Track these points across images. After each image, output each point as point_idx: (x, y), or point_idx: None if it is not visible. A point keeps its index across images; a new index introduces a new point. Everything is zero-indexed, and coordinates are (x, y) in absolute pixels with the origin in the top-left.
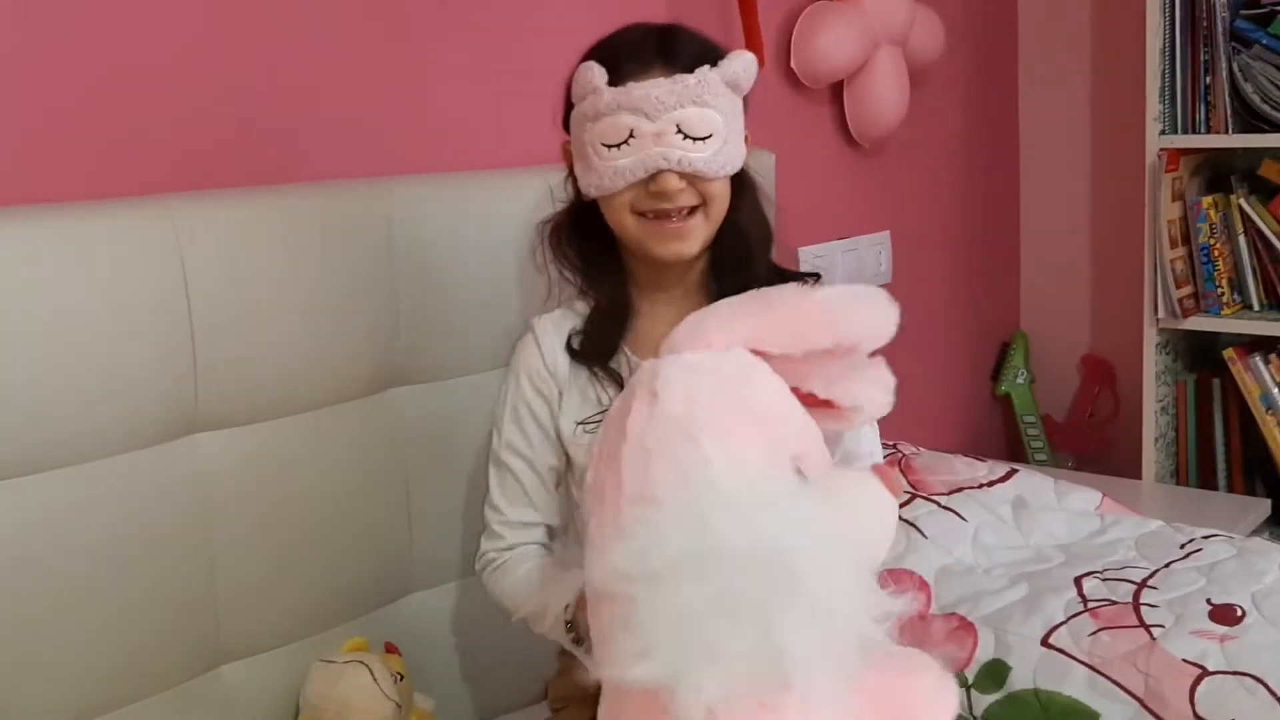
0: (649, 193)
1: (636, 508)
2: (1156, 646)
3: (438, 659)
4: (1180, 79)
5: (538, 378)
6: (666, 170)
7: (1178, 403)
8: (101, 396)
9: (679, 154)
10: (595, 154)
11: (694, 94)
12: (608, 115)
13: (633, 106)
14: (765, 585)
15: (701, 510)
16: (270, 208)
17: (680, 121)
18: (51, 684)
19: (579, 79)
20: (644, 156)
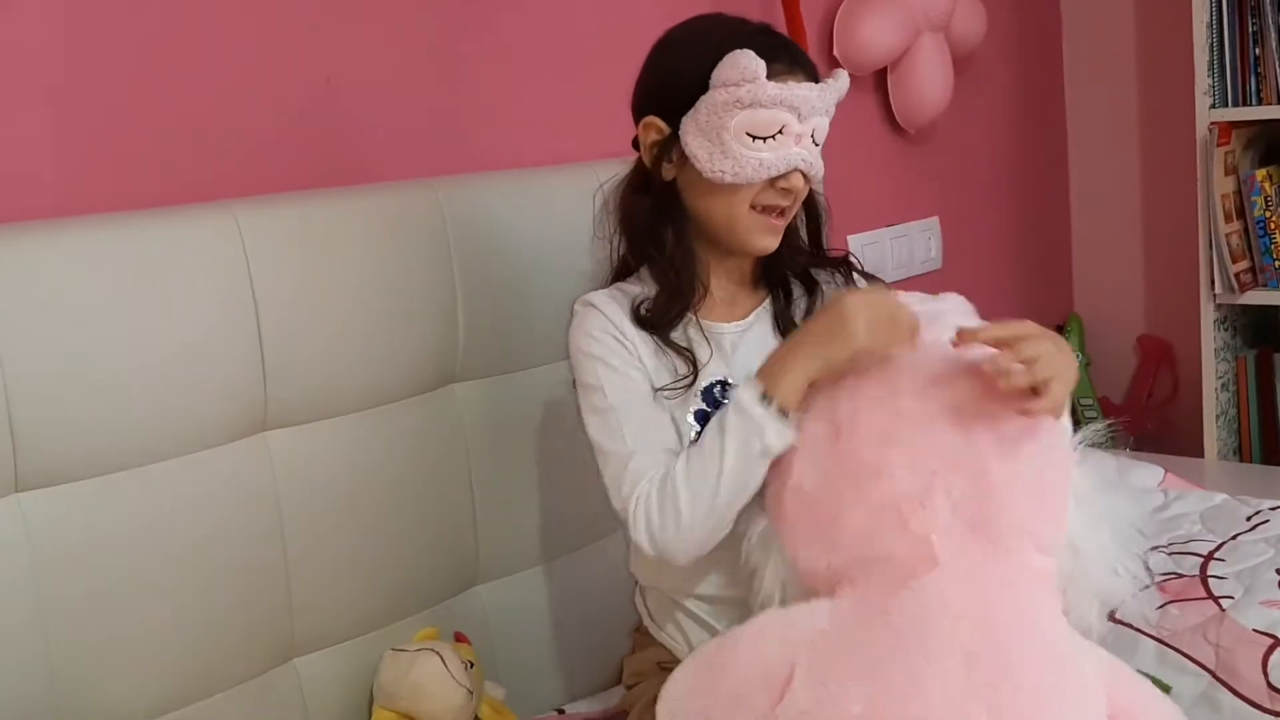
0: (775, 189)
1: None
2: (1226, 618)
3: (506, 648)
4: (1229, 51)
5: (612, 332)
6: (800, 171)
7: (1238, 379)
8: (175, 398)
9: (810, 157)
10: (738, 141)
11: (829, 104)
12: (766, 108)
13: (791, 104)
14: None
15: None
16: (330, 209)
17: (817, 128)
18: (131, 679)
19: (734, 63)
20: (787, 154)
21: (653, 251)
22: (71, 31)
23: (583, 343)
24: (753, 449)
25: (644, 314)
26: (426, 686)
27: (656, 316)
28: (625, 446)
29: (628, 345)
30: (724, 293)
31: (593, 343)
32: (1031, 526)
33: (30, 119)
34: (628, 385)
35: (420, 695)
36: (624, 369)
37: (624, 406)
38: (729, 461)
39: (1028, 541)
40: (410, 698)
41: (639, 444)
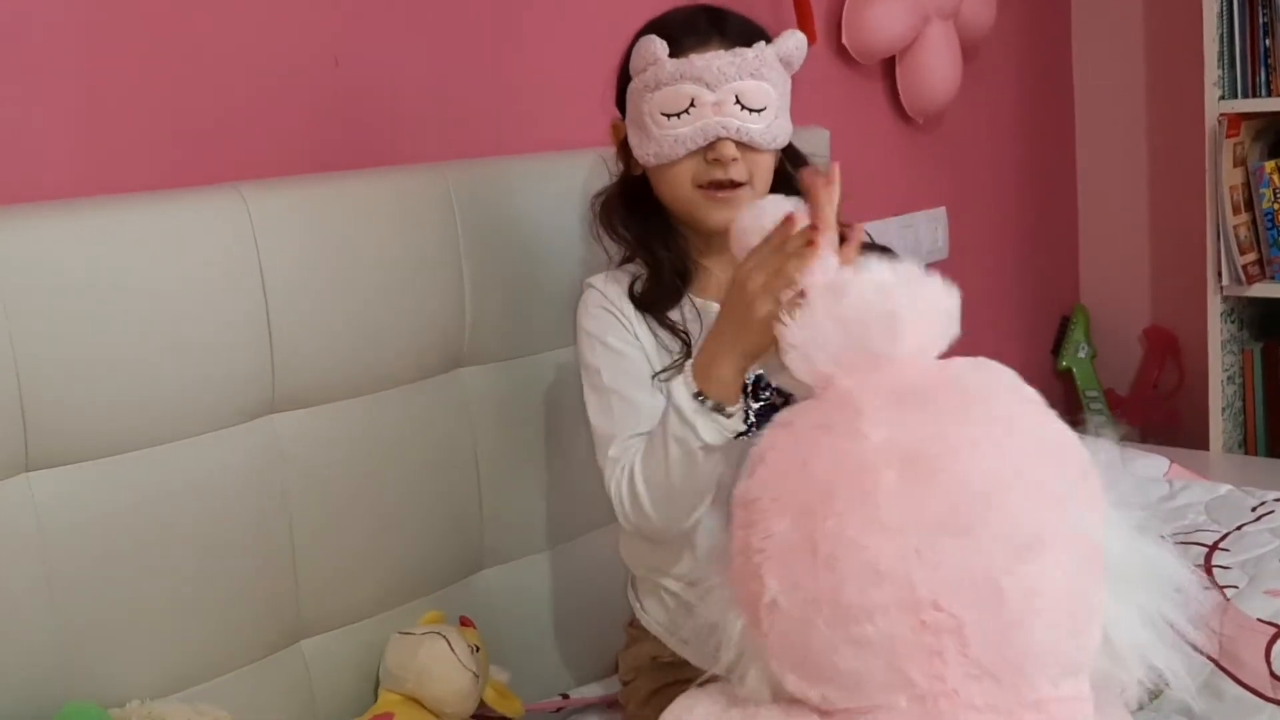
0: (706, 161)
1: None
2: (1230, 606)
3: (511, 633)
4: (1239, 42)
5: (611, 309)
6: (725, 138)
7: (1244, 372)
8: (182, 379)
9: (737, 124)
10: (654, 123)
11: (752, 67)
12: (669, 85)
13: (694, 76)
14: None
15: None
16: (338, 192)
17: (739, 92)
18: (138, 659)
19: (639, 51)
20: (704, 125)
21: (632, 244)
22: (81, 14)
23: (584, 321)
24: (692, 446)
25: (638, 293)
26: (433, 670)
27: (648, 295)
28: (611, 429)
29: (625, 323)
30: (723, 271)
31: (593, 320)
32: (1060, 650)
33: (41, 101)
34: (623, 365)
35: (427, 678)
36: (621, 348)
37: (618, 389)
38: (673, 458)
39: (1054, 669)
40: (417, 681)
41: (622, 428)
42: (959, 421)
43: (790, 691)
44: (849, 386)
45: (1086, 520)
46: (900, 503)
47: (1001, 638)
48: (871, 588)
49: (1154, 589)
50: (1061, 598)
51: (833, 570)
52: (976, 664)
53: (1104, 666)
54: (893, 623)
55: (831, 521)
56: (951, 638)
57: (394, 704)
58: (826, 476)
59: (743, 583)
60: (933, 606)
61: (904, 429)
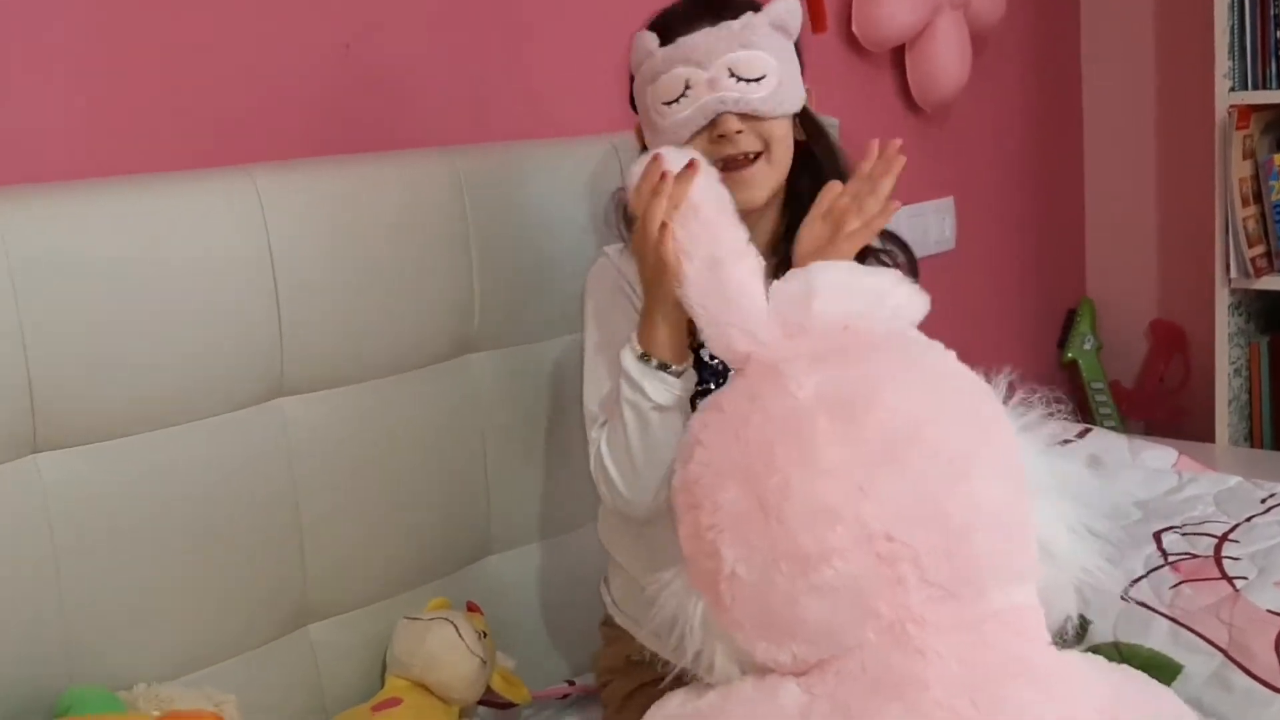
0: (712, 140)
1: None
2: (1240, 598)
3: (517, 619)
4: (1250, 33)
5: (622, 286)
6: (725, 113)
7: (1251, 365)
8: (191, 362)
9: (735, 95)
10: (658, 114)
11: (740, 37)
12: (663, 73)
13: (684, 58)
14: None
15: None
16: (349, 176)
17: (732, 65)
18: (144, 642)
19: (635, 48)
20: (702, 104)
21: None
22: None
23: (589, 295)
24: (644, 409)
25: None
26: (440, 656)
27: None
28: (596, 409)
29: (635, 303)
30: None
31: (603, 293)
32: (1007, 558)
33: (53, 83)
34: (609, 339)
35: (434, 664)
36: (621, 324)
37: (609, 365)
38: (630, 426)
39: (1005, 578)
40: (424, 666)
41: (599, 413)
42: (877, 368)
43: (760, 661)
44: (769, 358)
45: (1005, 441)
46: (837, 444)
47: (953, 555)
48: (825, 531)
49: (1069, 499)
50: (998, 510)
51: (784, 523)
52: (936, 585)
53: (1046, 574)
54: (851, 562)
55: (776, 478)
56: (909, 565)
57: (401, 689)
58: (763, 438)
59: (698, 564)
60: (885, 538)
61: (828, 381)
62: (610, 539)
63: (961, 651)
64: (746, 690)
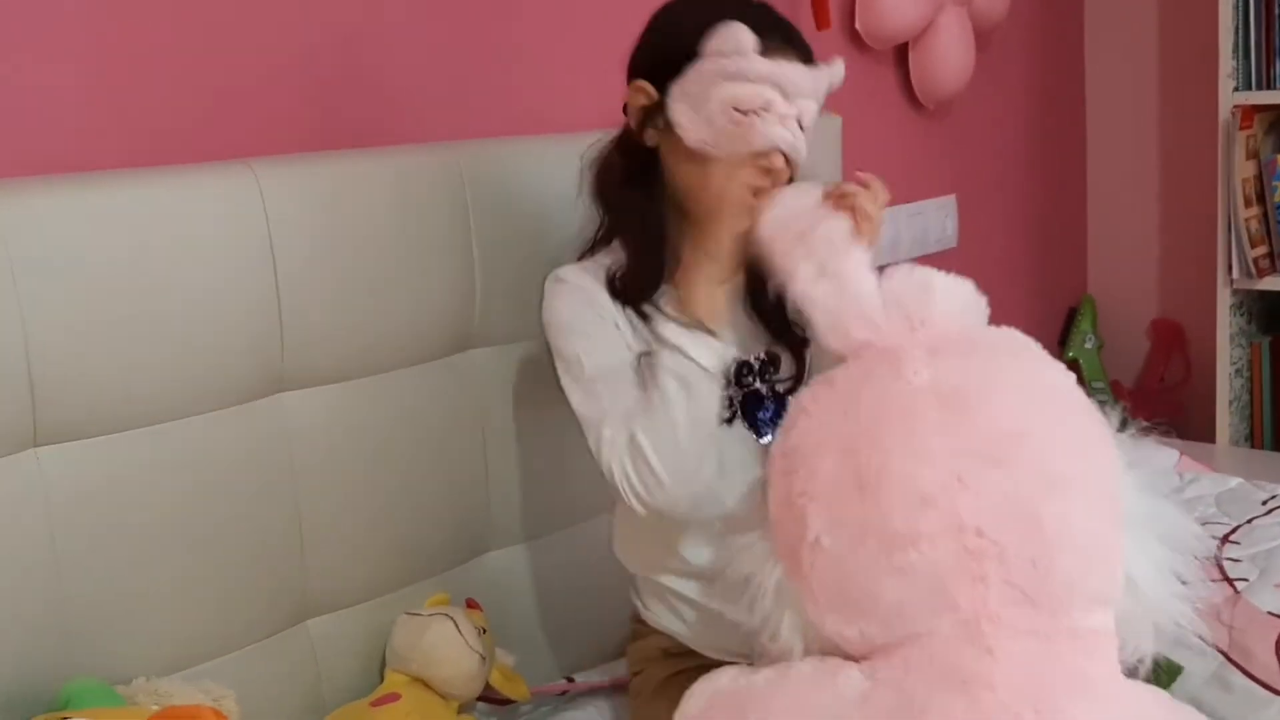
0: (756, 167)
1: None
2: (1240, 600)
3: (516, 615)
4: (1254, 33)
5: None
6: (782, 151)
7: (1252, 365)
8: (190, 356)
9: (793, 139)
10: (722, 112)
11: (819, 89)
12: (753, 82)
13: (779, 82)
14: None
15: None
16: (350, 170)
17: (803, 112)
18: (143, 636)
19: (727, 35)
20: (771, 132)
21: (622, 216)
22: None
23: (556, 315)
24: (688, 373)
25: (618, 285)
26: (440, 651)
27: (629, 287)
28: (600, 413)
29: (602, 311)
30: (690, 279)
31: (565, 309)
32: (1091, 579)
33: (53, 75)
34: (605, 350)
35: (433, 660)
36: (600, 334)
37: (602, 375)
38: (673, 397)
39: (1085, 598)
40: (423, 662)
41: (614, 408)
42: (996, 369)
43: (828, 633)
44: (888, 345)
45: (1106, 469)
46: (943, 435)
47: (1039, 564)
48: (917, 515)
49: (1161, 539)
50: (1089, 533)
51: (878, 501)
52: (1017, 588)
53: (1127, 607)
54: (938, 549)
55: (878, 456)
56: (994, 563)
57: (400, 685)
58: (872, 415)
59: (784, 529)
60: (976, 533)
61: (944, 374)
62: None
63: (1031, 659)
64: (805, 670)
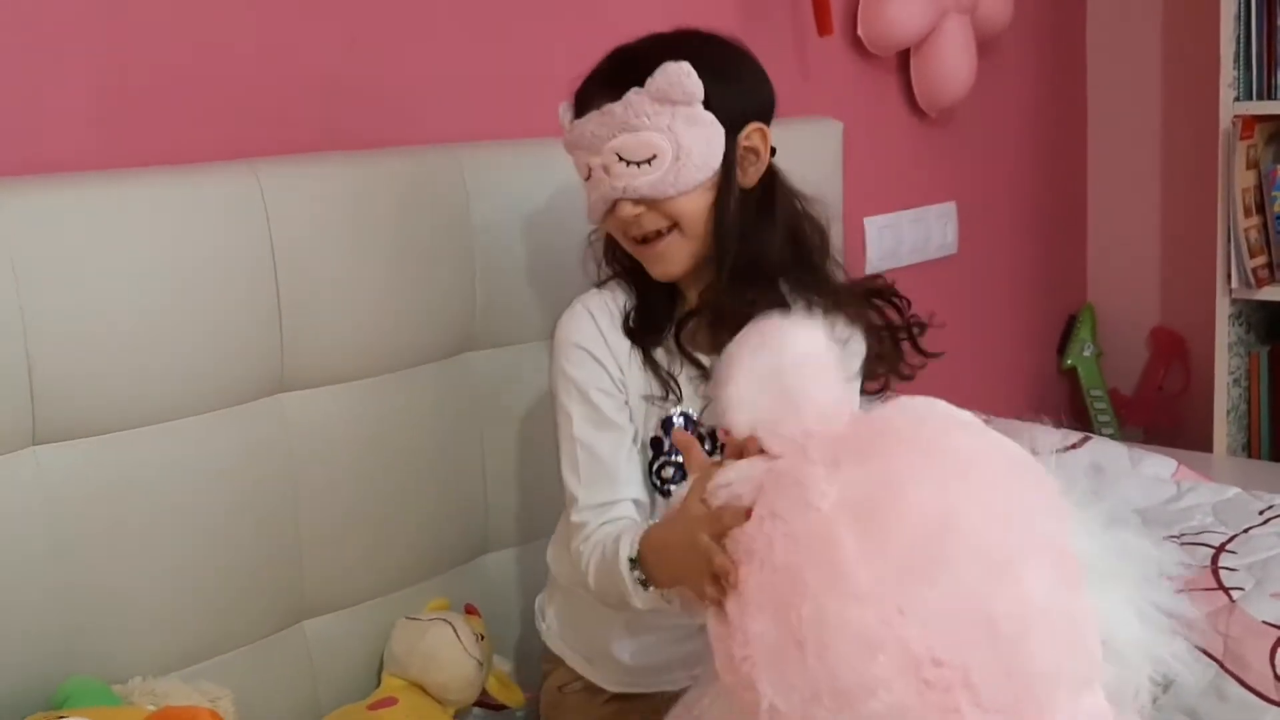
0: (618, 221)
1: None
2: (1236, 609)
3: (514, 616)
4: (1256, 44)
5: (597, 347)
6: (621, 199)
7: (1250, 375)
8: (190, 356)
9: (623, 182)
10: (583, 187)
11: (622, 121)
12: (572, 152)
13: (581, 144)
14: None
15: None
16: (353, 172)
17: (619, 150)
18: (141, 635)
19: (561, 115)
20: (603, 190)
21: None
22: None
23: (564, 351)
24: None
25: (630, 326)
26: (438, 656)
27: (638, 329)
28: (576, 488)
29: (612, 366)
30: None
31: (572, 358)
32: (1070, 664)
33: (57, 75)
34: (595, 418)
35: (431, 665)
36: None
37: (587, 442)
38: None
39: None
40: (421, 667)
41: (589, 490)
42: (901, 464)
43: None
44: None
45: (1053, 528)
46: (867, 563)
47: (1008, 670)
48: (866, 662)
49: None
50: (1051, 611)
51: (822, 658)
52: (994, 710)
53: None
54: (898, 692)
55: (807, 606)
56: (961, 690)
57: (397, 689)
58: (789, 562)
59: (737, 694)
60: (933, 663)
61: (850, 487)
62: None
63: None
64: None
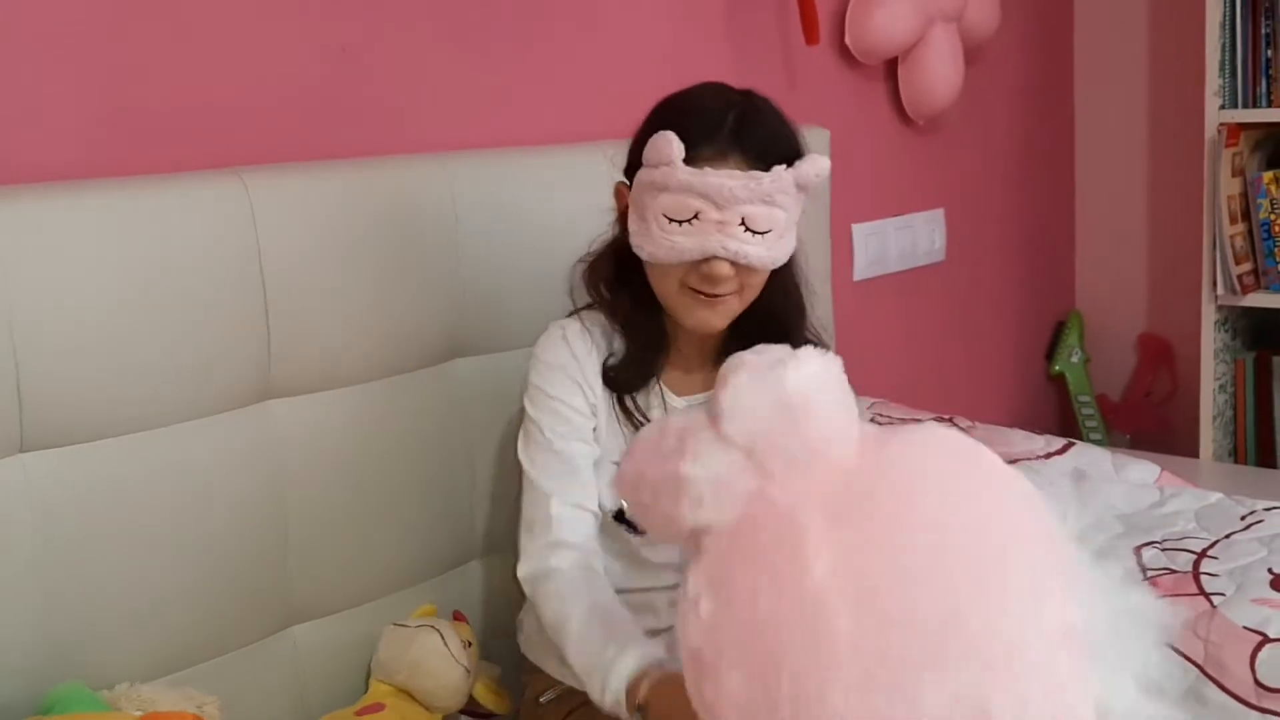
0: (699, 274)
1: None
2: (1217, 614)
3: (501, 623)
4: (1240, 52)
5: (573, 370)
6: (721, 258)
7: (1236, 381)
8: (179, 363)
9: (736, 245)
10: (656, 224)
11: (765, 193)
12: (678, 193)
13: (703, 193)
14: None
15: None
16: (340, 180)
17: (746, 216)
18: (128, 641)
19: (656, 147)
20: (704, 241)
21: (613, 306)
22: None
23: (540, 372)
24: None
25: (611, 374)
26: (426, 663)
27: (621, 373)
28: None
29: (584, 389)
30: (685, 361)
31: (548, 376)
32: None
33: (45, 83)
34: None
35: (419, 671)
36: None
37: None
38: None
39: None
40: (409, 673)
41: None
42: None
43: None
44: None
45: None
46: (858, 653)
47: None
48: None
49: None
50: (1051, 696)
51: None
52: None
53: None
54: None
55: (788, 684)
56: None
57: (385, 695)
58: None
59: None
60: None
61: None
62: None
63: None
64: None
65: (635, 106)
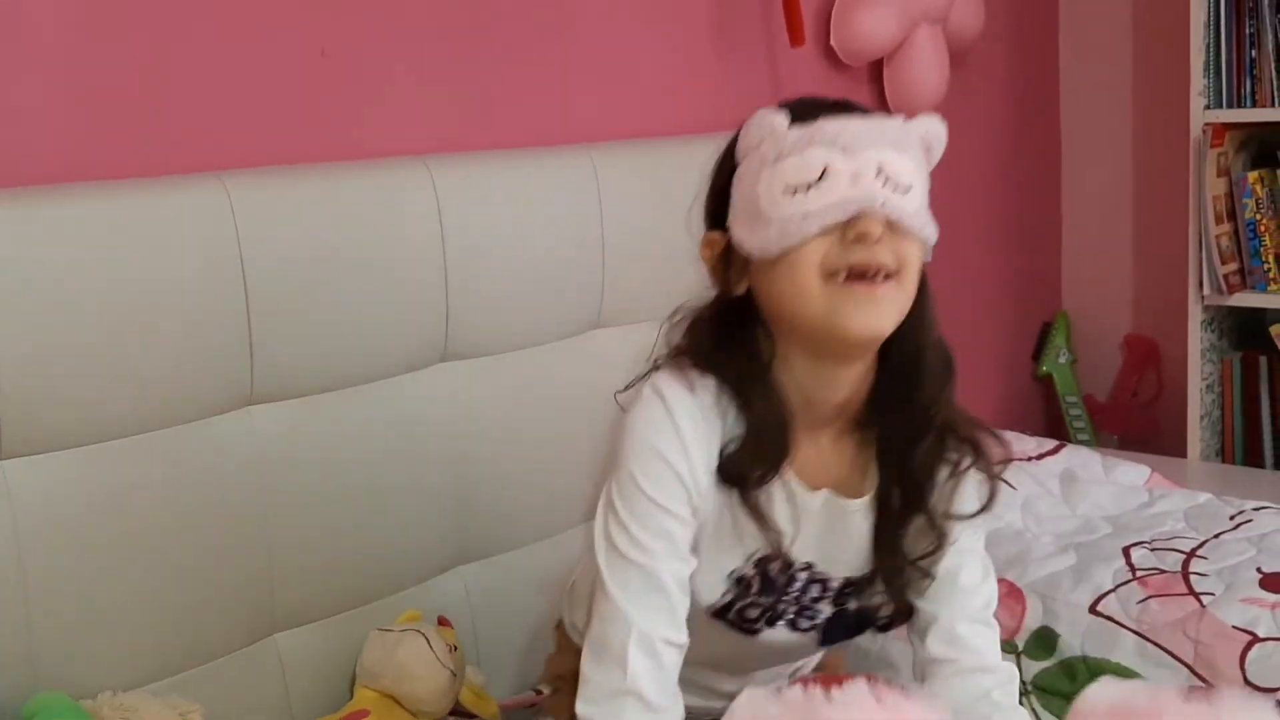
0: (845, 241)
1: None
2: (1206, 614)
3: (486, 629)
4: (1225, 52)
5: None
6: (873, 212)
7: (1223, 380)
8: (159, 369)
9: (882, 197)
10: (772, 204)
11: (895, 137)
12: (793, 154)
13: (826, 140)
14: None
15: None
16: (322, 184)
17: (882, 163)
18: (110, 650)
19: (753, 127)
20: (841, 198)
21: (726, 374)
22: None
23: (644, 463)
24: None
25: (728, 467)
26: (411, 668)
27: (740, 462)
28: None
29: (689, 481)
30: (814, 437)
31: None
32: None
33: (25, 87)
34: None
35: (404, 676)
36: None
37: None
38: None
39: None
40: (394, 678)
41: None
42: None
43: None
44: None
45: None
46: None
47: None
48: None
49: None
50: None
51: None
52: None
53: None
54: None
55: None
56: None
57: (370, 701)
58: None
59: None
60: None
61: None
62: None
63: None
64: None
65: (620, 109)
